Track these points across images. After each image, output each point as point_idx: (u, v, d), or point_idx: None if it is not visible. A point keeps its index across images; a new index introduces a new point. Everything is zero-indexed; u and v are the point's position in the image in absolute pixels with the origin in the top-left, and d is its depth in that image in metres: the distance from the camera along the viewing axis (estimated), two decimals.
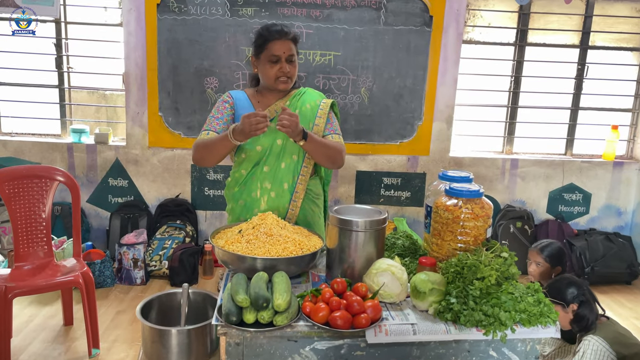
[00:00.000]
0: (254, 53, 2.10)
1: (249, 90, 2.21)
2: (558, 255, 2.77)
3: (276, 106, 2.13)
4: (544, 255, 2.75)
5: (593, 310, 2.28)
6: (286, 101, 2.15)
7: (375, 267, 1.64)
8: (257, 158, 2.12)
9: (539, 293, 1.61)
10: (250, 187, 2.15)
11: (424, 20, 4.07)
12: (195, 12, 3.93)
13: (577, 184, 4.47)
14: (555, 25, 4.36)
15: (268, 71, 2.05)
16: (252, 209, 2.15)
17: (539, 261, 2.76)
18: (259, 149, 2.11)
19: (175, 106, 4.09)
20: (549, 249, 2.77)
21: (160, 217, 4.19)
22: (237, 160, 2.20)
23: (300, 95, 2.18)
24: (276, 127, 1.89)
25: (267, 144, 2.10)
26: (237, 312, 1.45)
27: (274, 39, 2.02)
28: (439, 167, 4.32)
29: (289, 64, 2.05)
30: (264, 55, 2.04)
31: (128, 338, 3.05)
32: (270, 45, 2.02)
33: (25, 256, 2.86)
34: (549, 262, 2.75)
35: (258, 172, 2.13)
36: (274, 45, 2.02)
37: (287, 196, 2.13)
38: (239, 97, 2.16)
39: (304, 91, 2.21)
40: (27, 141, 4.12)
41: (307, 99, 2.18)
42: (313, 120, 2.13)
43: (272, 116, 2.10)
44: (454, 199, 1.75)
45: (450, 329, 1.50)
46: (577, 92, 4.45)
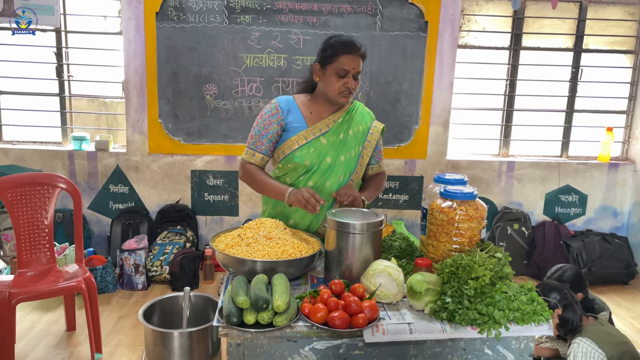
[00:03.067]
0: (319, 62, 2.02)
1: (299, 96, 2.14)
2: (576, 281, 2.57)
3: (328, 120, 2.10)
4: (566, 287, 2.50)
5: (577, 312, 2.30)
6: (339, 117, 2.11)
7: (372, 268, 1.68)
8: (303, 171, 2.09)
9: (532, 292, 1.65)
10: None
11: (420, 26, 4.12)
12: (193, 20, 3.99)
13: (573, 186, 4.52)
14: (549, 29, 4.41)
15: (333, 84, 2.00)
16: (287, 219, 2.13)
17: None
18: (307, 164, 2.07)
19: (174, 113, 4.13)
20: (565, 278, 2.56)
21: (160, 222, 4.23)
22: (281, 167, 2.14)
23: (354, 112, 2.15)
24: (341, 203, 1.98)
25: (316, 160, 2.07)
26: (237, 314, 1.49)
27: (345, 53, 1.96)
28: (436, 170, 4.36)
29: (354, 79, 2.02)
30: (332, 67, 1.98)
31: (130, 342, 3.08)
32: (341, 58, 1.96)
33: (28, 262, 2.89)
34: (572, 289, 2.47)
35: (301, 185, 2.09)
36: (345, 59, 1.96)
37: (322, 215, 2.09)
38: (288, 106, 2.09)
39: (356, 107, 2.18)
40: (28, 149, 4.16)
41: (359, 120, 2.16)
42: (362, 143, 2.15)
43: (325, 129, 2.09)
44: (448, 201, 1.79)
45: (446, 327, 1.54)
46: (571, 94, 4.50)
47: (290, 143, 2.07)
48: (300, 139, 2.07)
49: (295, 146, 2.06)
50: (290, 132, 2.08)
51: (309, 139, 2.07)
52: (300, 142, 2.07)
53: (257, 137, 2.09)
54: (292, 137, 2.07)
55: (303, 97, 2.15)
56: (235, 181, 4.29)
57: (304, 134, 2.07)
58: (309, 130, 2.08)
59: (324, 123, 2.10)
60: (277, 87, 4.14)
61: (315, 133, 2.08)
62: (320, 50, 2.04)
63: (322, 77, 2.04)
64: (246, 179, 2.13)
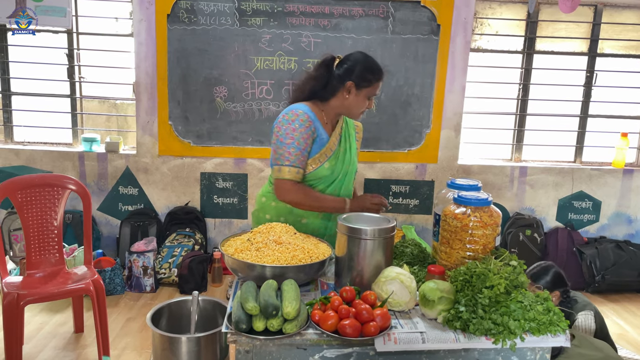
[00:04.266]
0: (357, 83, 2.05)
1: (312, 106, 2.11)
2: (553, 281, 2.58)
3: (338, 128, 2.19)
4: (539, 285, 2.56)
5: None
6: (342, 124, 2.22)
7: (384, 275, 1.64)
8: (329, 181, 2.16)
9: (548, 302, 1.61)
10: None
11: (432, 29, 4.08)
12: (204, 22, 3.98)
13: (586, 192, 4.45)
14: (563, 32, 4.36)
15: (361, 104, 2.09)
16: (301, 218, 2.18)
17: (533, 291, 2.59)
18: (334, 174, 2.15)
19: (184, 115, 4.13)
20: (542, 279, 2.58)
21: (169, 225, 4.22)
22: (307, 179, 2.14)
23: (345, 119, 2.26)
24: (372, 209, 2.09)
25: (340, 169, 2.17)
26: (246, 320, 1.46)
27: (380, 80, 2.09)
28: (447, 174, 4.32)
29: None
30: (368, 90, 2.07)
31: (138, 345, 3.06)
32: (377, 84, 2.08)
33: (37, 264, 2.89)
34: (546, 287, 2.56)
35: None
36: (378, 85, 2.09)
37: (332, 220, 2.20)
38: (314, 118, 2.08)
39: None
40: (39, 150, 4.18)
41: (349, 122, 2.28)
42: (355, 144, 2.28)
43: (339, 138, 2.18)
44: (462, 207, 1.75)
45: (460, 337, 1.50)
46: (586, 99, 4.44)
47: (320, 156, 2.10)
48: (327, 151, 2.11)
49: (325, 158, 2.11)
50: (317, 144, 2.09)
51: (333, 150, 2.14)
52: (328, 153, 2.12)
53: (299, 154, 2.03)
54: (322, 149, 2.10)
55: (313, 107, 2.12)
56: (244, 184, 4.28)
57: (330, 146, 2.12)
58: (331, 140, 2.13)
59: (337, 132, 2.17)
60: (287, 90, 4.13)
61: (335, 143, 2.15)
62: (358, 71, 2.04)
63: (353, 96, 2.08)
64: (302, 199, 2.07)
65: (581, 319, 2.51)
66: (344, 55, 2.10)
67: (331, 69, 2.08)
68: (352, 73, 2.04)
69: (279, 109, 4.15)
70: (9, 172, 4.10)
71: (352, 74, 2.04)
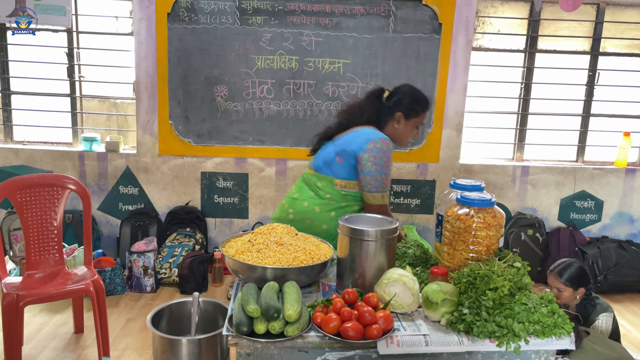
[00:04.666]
0: (405, 114, 2.25)
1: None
2: (579, 277, 2.56)
3: None
4: (564, 280, 2.55)
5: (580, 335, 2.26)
6: None
7: (386, 277, 1.63)
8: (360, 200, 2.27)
9: (552, 304, 1.59)
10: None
11: (433, 28, 4.06)
12: (205, 21, 3.96)
13: (589, 191, 4.43)
14: (565, 31, 4.34)
15: (409, 133, 2.29)
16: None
17: (559, 287, 2.56)
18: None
19: (185, 114, 4.11)
20: (567, 273, 2.56)
21: (170, 224, 4.20)
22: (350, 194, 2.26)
23: None
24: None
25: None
26: (247, 323, 1.45)
27: (426, 110, 2.28)
28: (448, 174, 4.30)
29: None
30: (416, 120, 2.27)
31: (138, 346, 3.05)
32: (424, 114, 2.28)
33: (36, 264, 2.87)
34: (571, 285, 2.55)
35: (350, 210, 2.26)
36: (425, 115, 2.29)
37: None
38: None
39: None
40: (39, 149, 4.16)
41: None
42: None
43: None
44: (465, 208, 1.74)
45: (463, 340, 1.48)
46: (588, 98, 4.42)
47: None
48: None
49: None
50: None
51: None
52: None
53: (389, 179, 2.21)
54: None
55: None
56: (245, 183, 4.26)
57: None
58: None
59: None
60: (288, 89, 4.11)
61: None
62: (406, 103, 2.25)
63: (401, 126, 2.27)
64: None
65: (602, 320, 2.49)
66: (393, 88, 2.31)
67: (381, 100, 2.29)
68: (401, 105, 2.25)
69: (279, 108, 4.13)
70: (9, 171, 4.08)
71: (401, 105, 2.25)
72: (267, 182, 4.26)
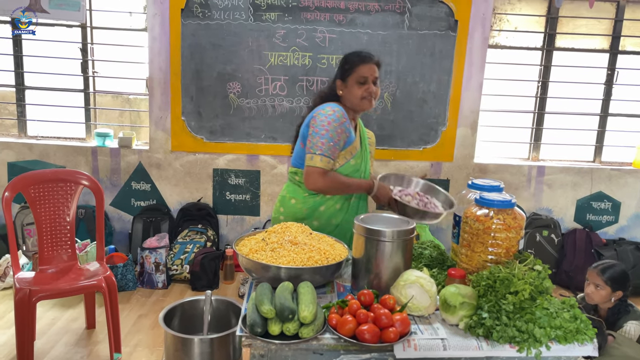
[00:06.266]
0: (340, 77, 2.21)
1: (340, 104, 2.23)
2: (621, 279, 2.50)
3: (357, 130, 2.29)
4: (605, 278, 2.49)
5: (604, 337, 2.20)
6: (359, 126, 2.32)
7: (403, 278, 1.59)
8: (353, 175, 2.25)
9: (574, 309, 1.55)
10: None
11: (449, 25, 4.01)
12: (218, 17, 3.94)
13: (606, 192, 4.35)
14: (584, 29, 4.25)
15: (356, 92, 2.17)
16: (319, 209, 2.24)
17: (598, 283, 2.51)
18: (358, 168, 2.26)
19: (198, 110, 4.09)
20: (610, 271, 2.50)
21: (182, 221, 4.20)
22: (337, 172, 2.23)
23: (360, 125, 2.34)
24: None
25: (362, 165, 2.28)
26: (262, 323, 1.42)
27: (362, 63, 2.16)
28: (463, 173, 4.24)
29: (374, 85, 2.18)
30: (352, 77, 2.17)
31: (150, 343, 3.04)
32: (359, 68, 2.16)
33: (49, 259, 2.88)
34: (610, 285, 2.49)
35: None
36: (363, 68, 2.16)
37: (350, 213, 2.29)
38: (346, 115, 2.18)
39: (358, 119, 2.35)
40: (52, 144, 4.17)
41: (363, 130, 2.38)
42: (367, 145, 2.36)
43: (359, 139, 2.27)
44: (484, 209, 1.69)
45: (482, 344, 1.44)
46: (606, 97, 4.34)
47: (346, 153, 2.18)
48: (353, 149, 2.21)
49: (350, 156, 2.20)
50: (349, 140, 2.18)
51: (358, 148, 2.24)
52: (353, 151, 2.21)
53: (332, 145, 2.11)
54: (349, 147, 2.18)
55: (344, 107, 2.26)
56: (257, 181, 4.24)
57: (355, 144, 2.22)
58: (356, 140, 2.24)
59: (358, 133, 2.29)
60: (301, 86, 4.07)
61: (358, 142, 2.26)
62: (339, 67, 2.22)
63: (344, 89, 2.20)
64: (330, 185, 2.13)
65: (631, 327, 2.42)
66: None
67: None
68: (336, 73, 2.24)
69: (292, 105, 4.10)
70: (23, 166, 4.10)
71: (336, 73, 2.24)
72: (279, 180, 4.23)
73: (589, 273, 2.59)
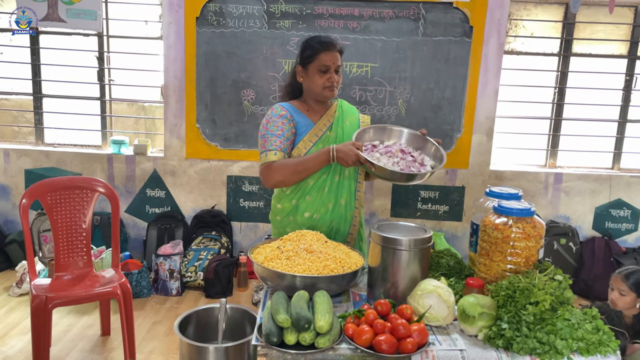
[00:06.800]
0: (300, 63, 2.11)
1: (293, 102, 2.19)
2: None
3: (327, 116, 2.16)
4: (629, 283, 2.46)
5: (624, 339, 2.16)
6: (334, 111, 2.18)
7: (420, 288, 1.57)
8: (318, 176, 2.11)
9: (597, 320, 1.51)
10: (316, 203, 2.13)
11: (464, 31, 3.98)
12: (233, 25, 3.96)
13: (625, 200, 4.27)
14: (601, 34, 4.20)
15: (317, 80, 2.07)
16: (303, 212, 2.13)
17: (622, 289, 2.47)
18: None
19: (212, 118, 4.11)
20: (635, 276, 2.47)
21: (196, 227, 4.21)
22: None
23: (343, 106, 2.22)
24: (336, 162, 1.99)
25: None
26: (277, 333, 1.40)
27: (324, 50, 2.05)
28: (478, 180, 4.20)
29: (336, 74, 2.09)
30: (314, 65, 2.06)
31: (164, 350, 3.04)
32: (320, 56, 2.05)
33: (65, 266, 2.89)
34: (635, 290, 2.45)
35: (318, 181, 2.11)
36: (325, 56, 2.05)
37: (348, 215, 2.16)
38: (292, 109, 2.13)
39: (343, 103, 2.24)
40: (69, 152, 4.21)
41: (349, 112, 2.22)
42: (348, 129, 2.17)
43: (328, 124, 2.14)
44: (503, 218, 1.66)
45: (502, 356, 1.41)
46: (625, 104, 4.27)
47: (304, 143, 2.10)
48: (312, 137, 2.11)
49: (310, 144, 2.10)
50: (300, 132, 2.11)
51: (320, 135, 2.12)
52: (312, 139, 2.11)
53: (273, 138, 2.05)
54: (305, 136, 2.10)
55: (295, 101, 2.20)
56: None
57: (314, 131, 2.12)
58: (316, 127, 2.13)
59: (325, 119, 2.16)
60: None
61: (322, 129, 2.13)
62: (300, 52, 2.12)
63: (305, 77, 2.11)
64: (278, 175, 2.02)
65: None
66: None
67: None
68: (297, 57, 2.14)
69: None
70: (40, 173, 4.14)
71: (297, 58, 2.14)
72: None
73: (612, 279, 2.54)
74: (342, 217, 2.14)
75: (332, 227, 2.14)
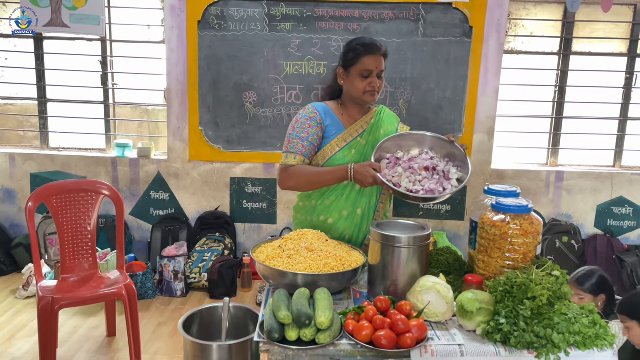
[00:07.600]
0: (342, 65, 2.06)
1: (329, 102, 2.15)
2: (598, 284, 2.57)
3: (362, 121, 2.11)
4: (584, 289, 2.56)
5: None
6: (371, 117, 2.12)
7: (419, 284, 1.59)
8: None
9: (594, 314, 1.53)
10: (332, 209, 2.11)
11: (464, 31, 4.01)
12: (234, 28, 4.00)
13: (627, 197, 4.28)
14: (601, 33, 4.22)
15: (358, 85, 2.02)
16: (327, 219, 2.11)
17: (580, 295, 2.56)
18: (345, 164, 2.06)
19: (215, 120, 4.15)
20: (587, 283, 2.57)
21: (199, 229, 4.24)
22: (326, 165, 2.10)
23: (382, 114, 2.15)
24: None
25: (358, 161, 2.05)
26: (279, 329, 1.43)
27: (367, 54, 1.99)
28: (480, 179, 4.22)
29: (378, 79, 2.04)
30: (356, 68, 2.01)
31: (169, 350, 3.07)
32: (363, 59, 1.99)
33: (71, 268, 2.93)
34: (590, 292, 2.56)
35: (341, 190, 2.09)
36: (368, 60, 1.99)
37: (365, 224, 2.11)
38: (325, 111, 2.10)
39: (384, 110, 2.18)
40: (73, 155, 4.26)
41: (388, 121, 2.16)
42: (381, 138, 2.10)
43: (361, 130, 2.09)
44: (501, 215, 1.69)
45: (500, 350, 1.44)
46: (625, 101, 4.28)
47: (331, 147, 2.06)
48: (340, 142, 2.07)
49: (337, 149, 2.06)
50: (329, 136, 2.08)
51: (349, 141, 2.07)
52: (340, 144, 2.07)
53: (297, 141, 2.05)
54: (332, 140, 2.07)
55: (332, 102, 2.16)
56: (273, 189, 4.27)
57: (343, 136, 2.08)
58: (347, 132, 2.09)
59: (359, 124, 2.11)
60: (316, 95, 4.11)
61: (352, 135, 2.09)
62: (342, 54, 2.07)
63: (346, 80, 2.07)
64: (293, 181, 2.03)
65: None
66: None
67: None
68: (339, 59, 2.08)
69: None
70: (45, 177, 4.19)
71: (340, 60, 2.08)
72: None
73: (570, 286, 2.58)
74: (357, 226, 2.10)
75: (345, 235, 2.10)
